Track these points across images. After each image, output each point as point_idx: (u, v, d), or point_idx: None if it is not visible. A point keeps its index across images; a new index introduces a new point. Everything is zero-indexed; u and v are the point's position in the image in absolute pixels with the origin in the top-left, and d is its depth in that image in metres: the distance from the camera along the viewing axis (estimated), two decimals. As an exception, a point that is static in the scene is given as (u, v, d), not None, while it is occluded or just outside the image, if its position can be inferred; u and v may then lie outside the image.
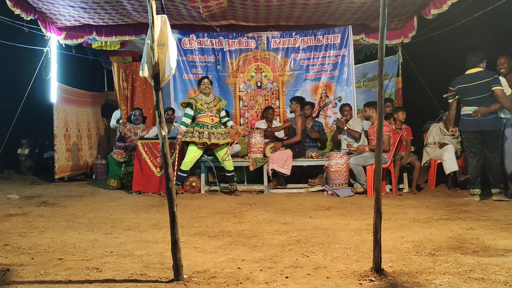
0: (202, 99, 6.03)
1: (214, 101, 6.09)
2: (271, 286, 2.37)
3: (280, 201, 5.54)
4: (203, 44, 7.63)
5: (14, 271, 2.63)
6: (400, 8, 6.87)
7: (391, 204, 5.15)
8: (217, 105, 6.08)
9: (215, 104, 6.07)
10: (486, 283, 2.35)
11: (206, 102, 6.02)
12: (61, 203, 5.33)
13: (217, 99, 6.18)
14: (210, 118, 5.98)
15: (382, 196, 2.60)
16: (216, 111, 6.06)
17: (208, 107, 5.99)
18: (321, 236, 3.56)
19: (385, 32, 2.52)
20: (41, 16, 6.95)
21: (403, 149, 6.35)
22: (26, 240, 3.45)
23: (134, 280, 2.49)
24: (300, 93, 7.46)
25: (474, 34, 7.53)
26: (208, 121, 5.97)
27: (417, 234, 3.56)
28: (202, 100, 6.02)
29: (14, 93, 7.92)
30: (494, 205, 4.95)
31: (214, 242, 3.40)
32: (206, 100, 6.04)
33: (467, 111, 5.31)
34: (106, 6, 6.63)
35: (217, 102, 6.11)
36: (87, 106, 9.20)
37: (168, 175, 2.51)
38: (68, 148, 8.18)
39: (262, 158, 6.40)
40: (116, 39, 7.72)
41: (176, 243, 2.46)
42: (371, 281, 2.41)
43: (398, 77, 8.24)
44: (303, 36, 7.64)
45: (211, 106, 6.02)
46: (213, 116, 6.02)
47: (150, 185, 6.25)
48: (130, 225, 4.07)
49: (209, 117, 5.98)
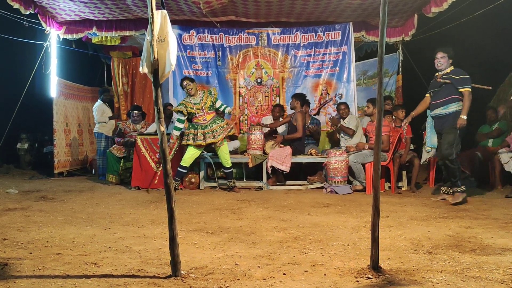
0: (190, 101, 5.92)
1: (204, 98, 5.96)
2: (269, 282, 2.38)
3: (279, 198, 5.55)
4: (203, 39, 7.61)
5: (12, 265, 2.64)
6: (401, 6, 6.86)
7: (389, 202, 5.16)
8: (207, 102, 5.95)
9: (205, 102, 5.94)
10: (483, 281, 2.35)
11: (195, 103, 5.90)
12: (60, 198, 5.33)
13: (206, 94, 6.02)
14: (203, 117, 5.93)
15: (381, 194, 2.60)
16: (208, 108, 5.95)
17: (198, 107, 5.90)
18: (319, 233, 3.56)
19: (385, 30, 2.52)
20: (41, 11, 6.93)
21: (403, 147, 6.35)
22: (25, 234, 3.45)
23: (132, 275, 2.49)
24: (300, 90, 7.45)
25: (475, 32, 7.52)
26: (201, 121, 5.93)
27: (415, 232, 3.56)
28: (191, 103, 5.91)
29: (14, 87, 7.91)
30: (493, 204, 4.96)
31: (212, 238, 3.40)
32: (195, 101, 5.92)
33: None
34: (106, 1, 6.61)
35: (206, 98, 5.97)
36: (87, 101, 9.19)
37: (166, 171, 2.51)
38: (68, 143, 8.18)
39: (262, 154, 6.40)
40: (116, 34, 7.70)
41: (174, 239, 2.46)
42: (369, 279, 2.41)
43: (398, 75, 8.23)
44: (304, 32, 7.63)
45: (201, 105, 5.91)
46: (205, 114, 5.94)
47: (149, 180, 6.25)
48: (128, 220, 4.08)
49: (201, 116, 5.92)
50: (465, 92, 4.93)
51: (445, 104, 5.05)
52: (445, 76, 5.05)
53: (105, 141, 7.56)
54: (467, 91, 4.93)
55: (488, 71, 8.04)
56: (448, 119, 5.02)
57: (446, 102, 5.04)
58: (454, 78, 4.98)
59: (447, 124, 5.02)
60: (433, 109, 5.20)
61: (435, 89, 5.18)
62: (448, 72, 5.07)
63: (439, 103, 5.10)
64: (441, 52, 5.10)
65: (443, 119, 5.08)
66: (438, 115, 5.13)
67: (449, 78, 5.00)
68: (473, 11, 6.46)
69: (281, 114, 7.15)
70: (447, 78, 5.02)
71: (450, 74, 5.03)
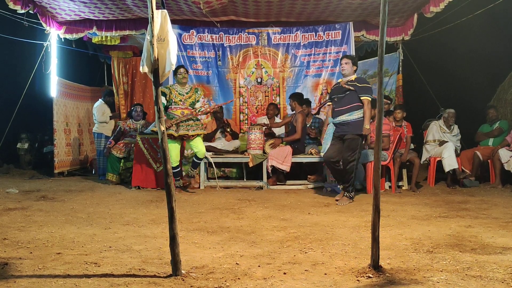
0: (177, 89, 5.81)
1: (190, 92, 5.85)
2: (269, 282, 2.38)
3: (279, 197, 5.55)
4: (204, 39, 7.61)
5: (13, 265, 2.64)
6: (401, 5, 6.86)
7: (390, 201, 5.16)
8: (191, 97, 5.83)
9: (190, 96, 5.83)
10: (484, 280, 2.35)
11: (180, 94, 5.78)
12: (60, 198, 5.33)
13: (193, 90, 5.93)
14: (181, 111, 5.76)
15: (381, 193, 2.60)
16: (190, 104, 5.82)
17: (181, 99, 5.76)
18: (319, 232, 3.56)
19: (385, 30, 2.52)
20: (41, 10, 6.93)
21: (403, 146, 6.35)
22: (25, 234, 3.45)
23: (132, 275, 2.49)
24: (300, 90, 7.44)
25: (475, 32, 7.52)
26: (179, 114, 5.74)
27: (415, 231, 3.56)
28: (176, 91, 5.79)
29: (14, 87, 7.91)
30: (493, 203, 4.95)
31: (212, 238, 3.40)
32: (181, 91, 5.80)
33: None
34: (106, 1, 6.61)
35: (192, 93, 5.86)
36: (87, 100, 9.18)
37: (166, 171, 2.51)
38: (68, 142, 8.17)
39: (262, 154, 6.40)
40: (116, 34, 7.69)
41: (174, 238, 2.46)
42: (369, 278, 2.41)
43: (399, 74, 8.22)
44: (304, 32, 7.63)
45: (185, 98, 5.79)
46: (185, 109, 5.78)
47: (149, 180, 6.25)
48: (129, 220, 4.08)
49: (179, 109, 5.76)
50: (364, 101, 5.07)
51: (350, 111, 5.10)
52: (350, 83, 5.14)
53: (105, 141, 7.56)
54: (367, 100, 5.07)
55: (488, 71, 8.05)
56: (352, 125, 5.09)
57: (350, 109, 5.10)
58: (358, 85, 5.09)
59: (351, 131, 5.08)
60: (337, 115, 5.21)
61: (339, 95, 5.22)
62: (353, 79, 5.16)
63: (344, 110, 5.13)
64: (345, 58, 5.27)
65: (346, 125, 5.12)
66: (342, 121, 5.15)
67: (354, 85, 5.09)
68: (474, 11, 6.46)
69: (275, 112, 7.14)
70: (352, 85, 5.11)
71: (354, 82, 5.13)
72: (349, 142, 5.08)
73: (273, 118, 7.13)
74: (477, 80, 8.10)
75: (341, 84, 5.24)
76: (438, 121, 6.75)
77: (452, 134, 6.60)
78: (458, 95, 8.31)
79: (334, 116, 5.25)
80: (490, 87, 8.00)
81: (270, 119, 7.09)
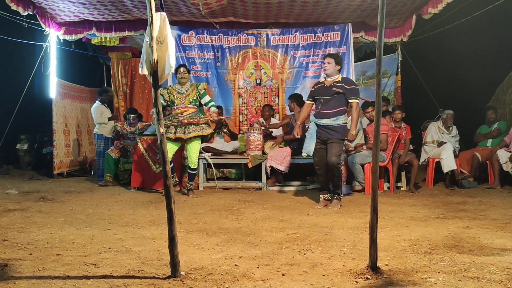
0: (175, 88, 5.76)
1: (189, 90, 5.76)
2: (268, 283, 2.39)
3: (278, 198, 5.56)
4: (203, 40, 7.61)
5: (12, 266, 2.65)
6: (400, 7, 6.87)
7: (388, 202, 5.17)
8: (191, 94, 5.74)
9: (189, 93, 5.74)
10: (481, 281, 2.37)
11: (179, 92, 5.72)
12: (60, 199, 5.34)
13: (193, 86, 5.83)
14: (180, 110, 5.68)
15: (380, 194, 2.62)
16: (189, 102, 5.72)
17: (180, 97, 5.69)
18: (318, 233, 3.57)
19: (383, 31, 2.53)
20: (41, 12, 6.93)
21: (402, 147, 6.36)
22: (25, 235, 3.46)
23: (131, 276, 2.50)
24: (299, 91, 7.44)
25: (473, 33, 7.55)
26: (179, 113, 5.68)
27: (413, 232, 3.58)
28: (175, 90, 5.73)
29: (14, 88, 7.91)
30: (492, 204, 4.97)
31: (211, 239, 3.41)
32: (180, 90, 5.74)
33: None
34: (105, 2, 6.62)
35: (192, 90, 5.77)
36: (86, 101, 9.19)
37: (165, 172, 2.52)
38: (67, 143, 8.18)
39: (261, 155, 6.41)
40: (115, 35, 7.70)
41: (173, 239, 2.47)
42: (367, 279, 2.42)
43: (397, 76, 8.23)
44: (303, 33, 7.63)
45: (184, 96, 5.71)
46: (184, 108, 5.69)
47: (148, 181, 6.26)
48: (128, 221, 4.09)
49: (179, 109, 5.69)
50: (353, 104, 4.89)
51: (336, 115, 4.89)
52: (337, 85, 4.92)
53: (104, 142, 7.56)
54: (356, 103, 4.90)
55: (487, 72, 8.07)
56: (336, 130, 4.89)
57: (336, 114, 4.89)
58: (346, 87, 4.88)
59: (335, 136, 4.89)
60: (321, 118, 4.95)
61: (326, 97, 4.97)
62: (340, 80, 4.96)
63: (331, 114, 4.91)
64: (328, 58, 5.02)
65: (332, 130, 4.91)
66: (327, 125, 4.93)
67: (342, 87, 4.88)
68: (473, 12, 6.48)
69: (271, 114, 7.15)
70: (340, 87, 4.89)
71: (342, 83, 4.91)
72: (333, 145, 4.88)
73: (269, 119, 7.14)
74: (475, 81, 8.12)
75: (327, 85, 5.00)
76: (436, 122, 6.77)
77: (451, 135, 6.62)
78: (456, 96, 8.32)
79: (318, 118, 5.00)
80: (488, 88, 8.02)
81: (266, 120, 7.09)
